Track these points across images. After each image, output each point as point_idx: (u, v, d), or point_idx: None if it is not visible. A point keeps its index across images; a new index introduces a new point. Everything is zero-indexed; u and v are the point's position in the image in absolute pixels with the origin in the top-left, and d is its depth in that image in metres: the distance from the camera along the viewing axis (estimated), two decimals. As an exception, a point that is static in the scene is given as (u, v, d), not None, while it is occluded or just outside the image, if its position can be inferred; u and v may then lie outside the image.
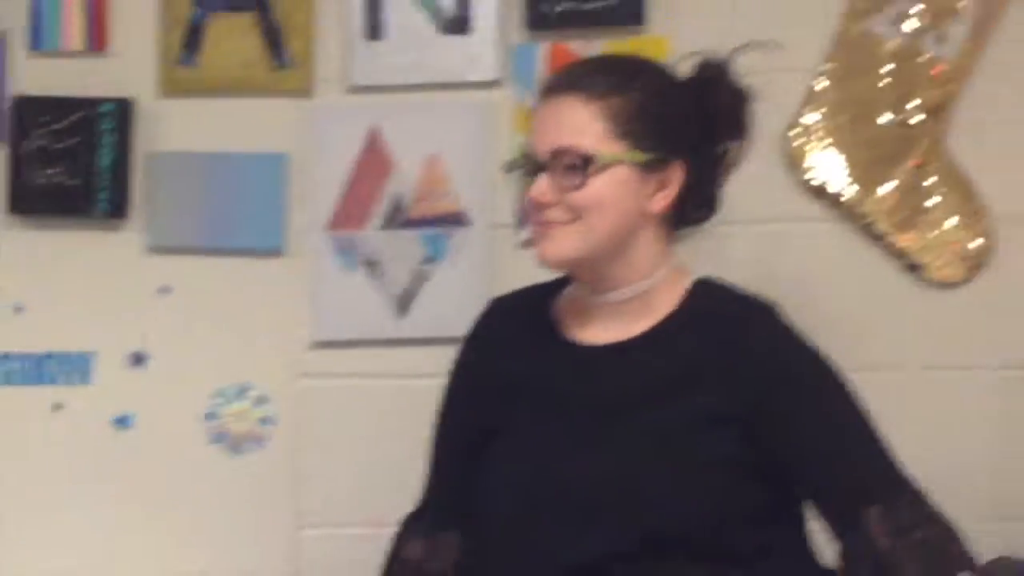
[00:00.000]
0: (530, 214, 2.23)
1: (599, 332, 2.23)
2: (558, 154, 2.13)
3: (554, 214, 2.16)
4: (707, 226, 2.51)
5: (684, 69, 2.29)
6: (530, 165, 2.19)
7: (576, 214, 2.15)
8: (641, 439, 2.15)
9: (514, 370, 2.30)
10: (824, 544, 2.19)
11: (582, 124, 2.15)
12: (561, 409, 2.22)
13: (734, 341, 2.18)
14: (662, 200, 2.16)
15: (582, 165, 2.13)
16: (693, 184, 2.21)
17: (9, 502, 2.99)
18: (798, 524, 2.24)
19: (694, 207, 2.25)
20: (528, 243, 2.45)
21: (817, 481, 2.16)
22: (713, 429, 2.14)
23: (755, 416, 2.12)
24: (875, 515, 2.08)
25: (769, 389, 2.14)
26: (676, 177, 2.17)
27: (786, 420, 2.15)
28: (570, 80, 2.22)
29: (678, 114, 2.23)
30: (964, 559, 2.10)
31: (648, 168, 2.16)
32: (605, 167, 2.14)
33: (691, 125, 2.25)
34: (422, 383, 2.68)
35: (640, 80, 2.21)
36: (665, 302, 2.21)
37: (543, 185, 2.15)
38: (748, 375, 2.14)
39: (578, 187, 2.13)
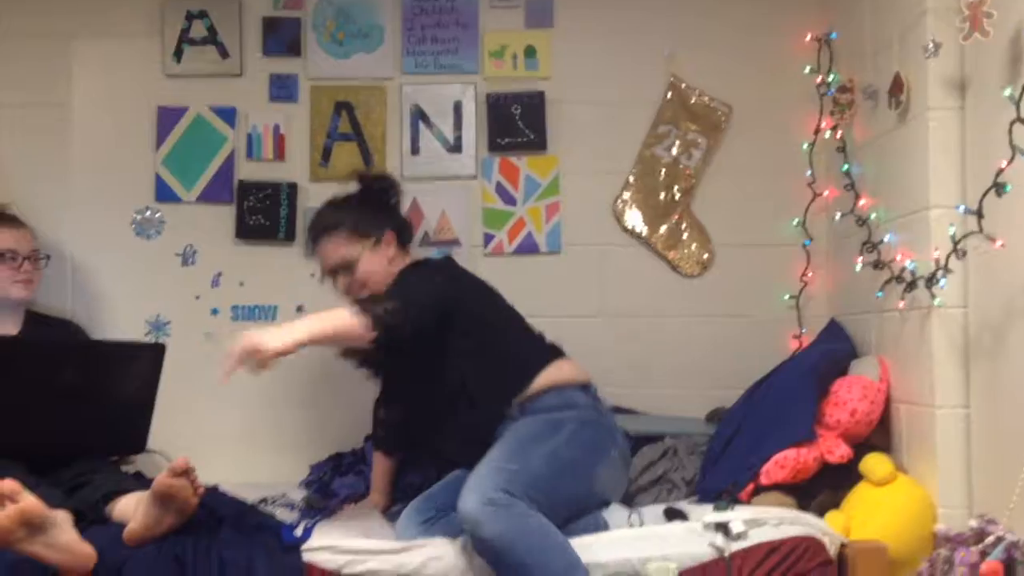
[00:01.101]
0: (346, 293, 2.73)
1: None
2: (336, 267, 2.69)
3: (354, 288, 2.69)
4: (575, 248, 3.18)
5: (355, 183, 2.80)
6: (329, 274, 2.75)
7: (362, 284, 2.69)
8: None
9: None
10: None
11: (337, 247, 2.70)
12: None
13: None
14: (391, 251, 2.73)
15: (350, 265, 2.67)
16: (398, 232, 2.77)
17: (231, 379, 3.14)
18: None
19: (406, 237, 2.82)
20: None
21: None
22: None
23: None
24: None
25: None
26: (389, 236, 2.73)
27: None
28: (319, 230, 2.74)
29: (371, 210, 2.74)
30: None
31: (376, 244, 2.69)
32: (358, 259, 2.66)
33: (378, 210, 2.75)
34: None
35: (345, 210, 2.72)
36: None
37: (342, 284, 2.71)
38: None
39: (354, 274, 2.67)
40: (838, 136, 3.11)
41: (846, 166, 3.03)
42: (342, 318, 2.40)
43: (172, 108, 3.37)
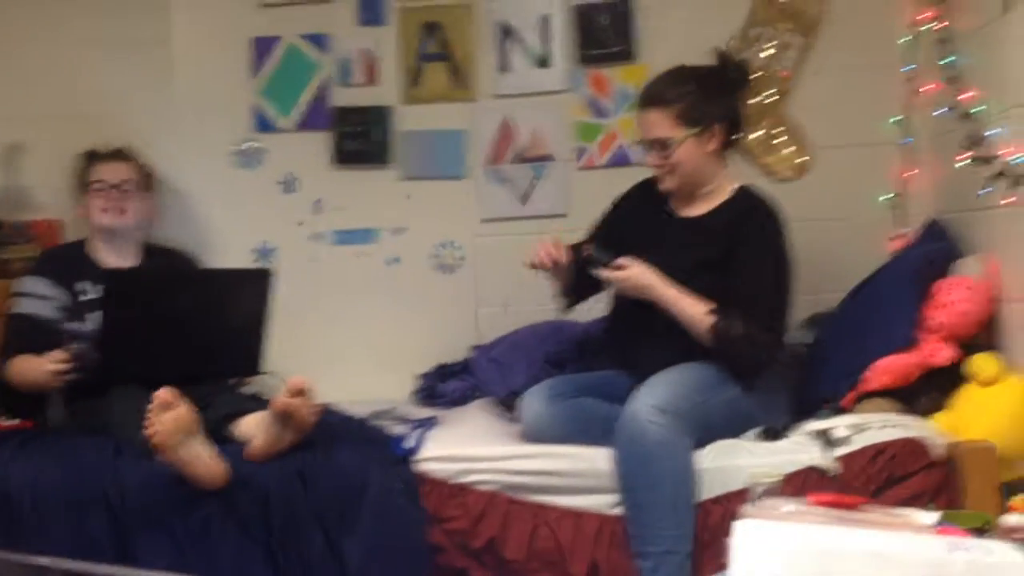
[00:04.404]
0: (652, 166, 2.59)
1: (687, 210, 2.63)
2: (652, 142, 2.55)
3: (661, 169, 2.55)
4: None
5: (710, 59, 2.58)
6: (644, 145, 2.60)
7: (671, 168, 2.55)
8: (687, 267, 2.51)
9: (641, 220, 2.68)
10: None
11: (660, 124, 2.52)
12: (664, 245, 2.57)
13: (745, 217, 2.53)
14: (713, 146, 2.54)
15: (666, 146, 2.53)
16: (728, 129, 2.55)
17: (335, 301, 3.36)
18: None
19: (731, 140, 2.60)
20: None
21: (739, 300, 2.44)
22: (712, 268, 2.49)
23: (732, 258, 2.48)
24: (737, 317, 2.40)
25: (741, 243, 2.49)
26: (717, 131, 2.54)
27: (746, 268, 2.47)
28: (652, 98, 2.56)
29: (711, 97, 2.53)
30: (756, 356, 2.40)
31: (700, 134, 2.52)
32: (677, 144, 2.52)
33: (718, 100, 2.54)
34: (532, 237, 3.02)
35: (686, 88, 2.53)
36: (721, 195, 2.60)
37: (651, 158, 2.56)
38: (738, 237, 2.49)
39: (667, 157, 2.53)
40: (938, 27, 2.94)
41: (948, 58, 2.87)
42: (700, 319, 2.40)
43: (266, 38, 3.37)
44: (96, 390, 2.54)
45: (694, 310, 2.43)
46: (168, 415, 2.21)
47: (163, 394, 2.21)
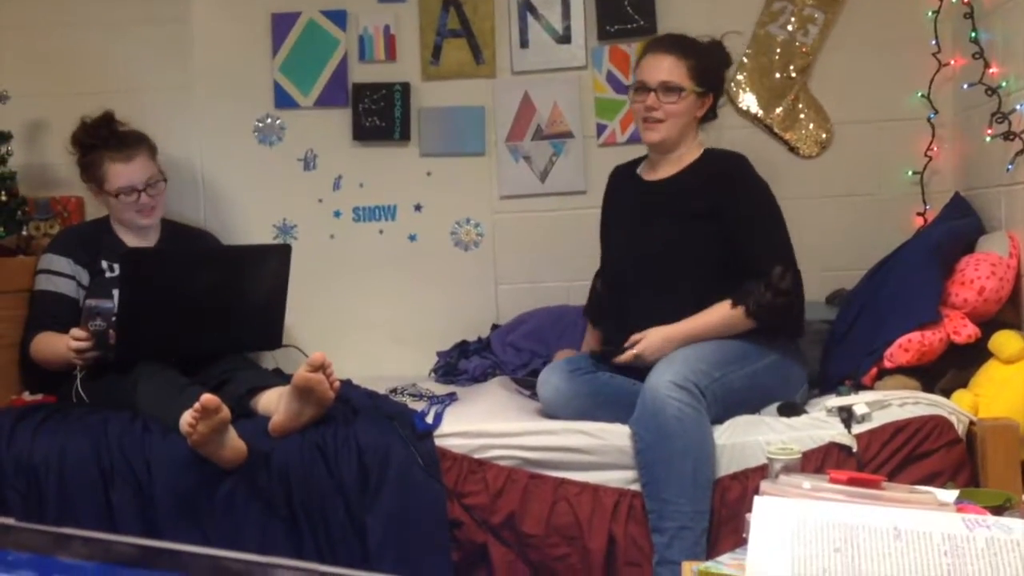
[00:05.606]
0: (639, 113, 2.61)
1: (656, 174, 2.67)
2: (664, 84, 2.55)
3: (656, 115, 2.56)
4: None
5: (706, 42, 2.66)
6: (642, 88, 2.59)
7: (667, 117, 2.57)
8: (671, 224, 2.55)
9: (619, 200, 2.76)
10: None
11: (677, 70, 2.57)
12: (637, 213, 2.64)
13: (716, 172, 2.56)
14: (701, 111, 2.62)
15: (676, 91, 2.56)
16: (712, 104, 2.66)
17: (355, 277, 3.37)
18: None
19: (711, 115, 2.69)
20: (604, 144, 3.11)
21: (739, 250, 2.49)
22: (699, 219, 2.52)
23: (720, 211, 2.51)
24: (752, 285, 2.44)
25: (727, 198, 2.51)
26: (708, 100, 2.63)
27: (733, 215, 2.50)
28: (669, 45, 2.62)
29: (712, 69, 2.63)
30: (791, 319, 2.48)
31: (700, 95, 2.58)
32: (686, 94, 2.57)
33: (715, 75, 2.65)
34: (551, 214, 3.30)
35: (699, 51, 2.62)
36: (690, 158, 2.64)
37: (651, 100, 2.56)
38: (720, 190, 2.51)
39: (673, 103, 2.55)
40: (965, 1, 2.92)
41: (974, 33, 2.87)
42: (731, 317, 2.44)
43: (285, 14, 3.36)
44: (119, 367, 2.55)
45: (719, 316, 2.47)
46: (210, 420, 2.24)
47: (208, 401, 2.23)
